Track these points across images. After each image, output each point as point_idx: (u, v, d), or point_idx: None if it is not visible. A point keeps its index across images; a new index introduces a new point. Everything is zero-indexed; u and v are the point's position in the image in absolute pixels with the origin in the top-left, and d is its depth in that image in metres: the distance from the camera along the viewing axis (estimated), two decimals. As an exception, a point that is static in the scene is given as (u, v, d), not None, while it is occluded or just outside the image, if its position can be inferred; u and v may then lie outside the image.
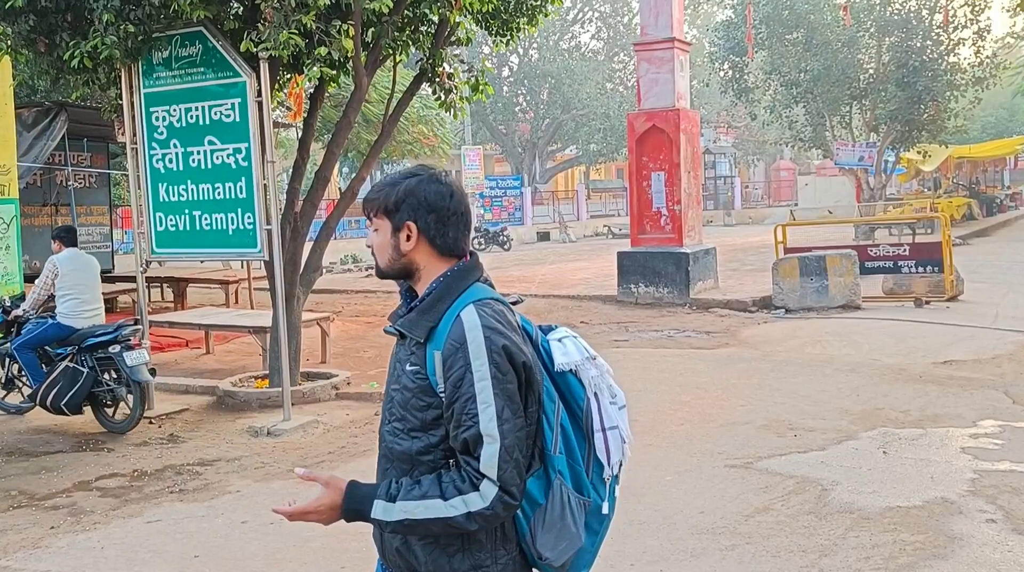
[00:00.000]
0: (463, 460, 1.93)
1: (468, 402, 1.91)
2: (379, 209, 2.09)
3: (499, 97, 39.08)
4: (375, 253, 2.12)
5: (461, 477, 1.93)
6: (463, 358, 1.92)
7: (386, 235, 2.08)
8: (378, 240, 2.10)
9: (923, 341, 10.39)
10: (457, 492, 1.91)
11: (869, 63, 25.94)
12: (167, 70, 7.81)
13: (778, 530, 4.94)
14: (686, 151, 14.68)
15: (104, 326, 7.82)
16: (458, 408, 1.92)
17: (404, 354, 2.06)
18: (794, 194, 42.99)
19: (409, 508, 1.93)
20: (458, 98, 9.21)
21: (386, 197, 2.08)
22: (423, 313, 2.02)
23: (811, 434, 6.82)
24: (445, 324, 1.97)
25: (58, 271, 7.71)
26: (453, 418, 1.93)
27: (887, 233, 22.62)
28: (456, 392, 1.92)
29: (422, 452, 2.01)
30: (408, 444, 2.02)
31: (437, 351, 1.96)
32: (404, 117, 11.40)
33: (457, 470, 1.95)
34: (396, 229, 2.06)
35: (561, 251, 27.39)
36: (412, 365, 2.01)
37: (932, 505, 5.23)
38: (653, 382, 8.84)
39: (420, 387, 2.00)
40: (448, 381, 1.94)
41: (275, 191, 7.71)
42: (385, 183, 2.12)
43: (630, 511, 5.24)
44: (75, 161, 13.37)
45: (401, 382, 2.05)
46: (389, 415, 2.09)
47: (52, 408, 7.57)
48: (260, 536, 5.19)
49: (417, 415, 2.01)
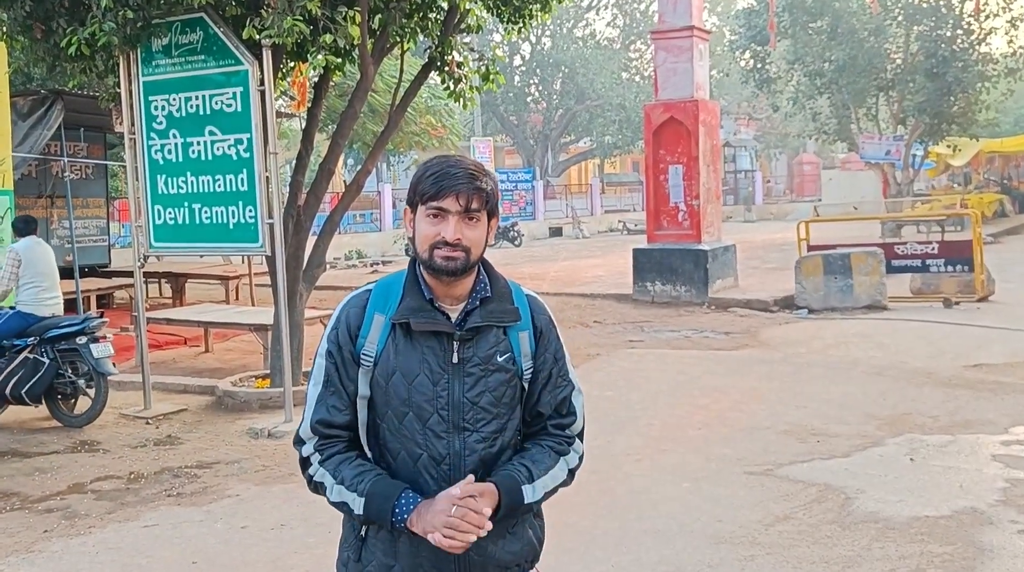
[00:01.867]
0: (552, 423, 2.17)
1: (563, 365, 2.19)
2: (486, 201, 2.05)
3: (510, 87, 39.09)
4: (467, 247, 2.03)
5: (557, 441, 2.17)
6: (554, 330, 2.19)
7: (484, 228, 2.07)
8: (477, 234, 2.05)
9: (952, 343, 10.34)
10: (559, 455, 2.15)
11: (897, 53, 25.80)
12: (167, 58, 7.82)
13: (800, 540, 4.92)
14: (705, 144, 14.64)
15: (70, 318, 8.03)
16: (555, 372, 2.17)
17: (484, 351, 2.08)
18: (818, 189, 42.83)
19: (546, 483, 2.12)
20: (468, 88, 9.19)
21: (494, 187, 2.08)
22: (502, 300, 2.12)
23: (835, 440, 6.79)
24: (520, 304, 2.14)
25: (20, 259, 7.80)
26: (549, 383, 2.16)
27: (915, 230, 22.50)
28: (555, 360, 2.18)
29: (509, 442, 2.14)
30: (502, 440, 2.12)
31: (523, 332, 2.13)
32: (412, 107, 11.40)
33: (548, 436, 2.17)
34: (488, 223, 2.09)
35: (574, 247, 27.37)
36: (503, 354, 2.11)
37: (961, 515, 5.20)
38: (670, 384, 8.81)
39: (513, 373, 2.12)
40: (547, 352, 2.16)
41: (277, 184, 7.71)
42: (476, 170, 2.05)
43: (645, 519, 5.23)
44: (71, 151, 13.41)
45: (494, 378, 2.09)
46: (471, 425, 2.07)
47: (12, 397, 7.73)
48: (261, 542, 5.19)
49: (508, 404, 2.12)
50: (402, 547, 2.09)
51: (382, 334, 2.08)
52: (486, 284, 2.12)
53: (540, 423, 2.19)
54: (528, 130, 42.98)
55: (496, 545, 2.11)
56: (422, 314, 2.06)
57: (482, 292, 2.11)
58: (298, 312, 8.58)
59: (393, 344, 2.08)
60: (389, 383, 2.07)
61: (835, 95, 25.67)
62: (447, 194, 2.00)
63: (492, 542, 2.08)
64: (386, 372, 2.07)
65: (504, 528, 2.11)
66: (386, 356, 2.08)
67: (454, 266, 2.02)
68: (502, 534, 2.11)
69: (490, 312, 2.09)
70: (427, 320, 2.06)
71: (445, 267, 2.03)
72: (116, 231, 20.18)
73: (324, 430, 2.13)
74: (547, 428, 2.18)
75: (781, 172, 52.77)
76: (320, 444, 2.13)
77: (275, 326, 8.20)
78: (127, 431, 7.75)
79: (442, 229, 2.01)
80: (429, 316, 2.06)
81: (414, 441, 2.07)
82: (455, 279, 2.06)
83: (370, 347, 2.09)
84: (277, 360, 8.15)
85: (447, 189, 2.00)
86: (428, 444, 2.06)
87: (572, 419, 2.20)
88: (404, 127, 17.96)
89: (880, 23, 24.51)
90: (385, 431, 2.11)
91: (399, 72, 9.40)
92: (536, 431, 2.19)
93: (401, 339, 2.07)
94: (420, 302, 2.07)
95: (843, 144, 28.56)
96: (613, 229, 35.23)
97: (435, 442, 2.06)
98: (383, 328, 2.09)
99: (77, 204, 13.97)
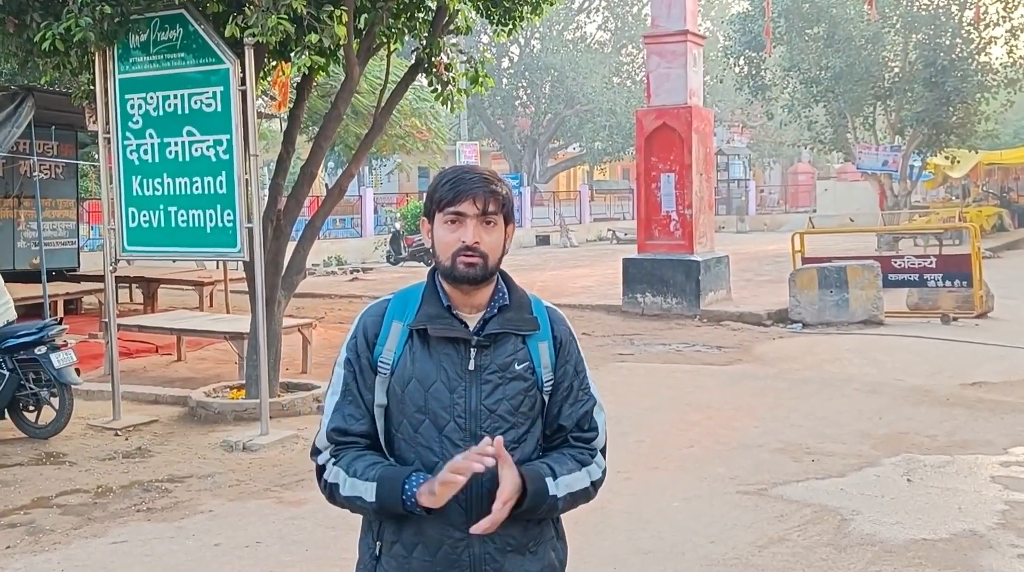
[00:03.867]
0: (574, 436, 2.21)
1: (584, 379, 2.24)
2: (502, 205, 2.13)
3: (498, 90, 39.12)
4: (485, 253, 2.10)
5: (579, 451, 2.20)
6: (574, 341, 2.25)
7: (501, 233, 2.15)
8: (494, 239, 2.13)
9: (950, 360, 10.40)
10: (581, 465, 2.19)
11: (895, 61, 26.01)
12: (144, 55, 7.80)
13: (794, 563, 4.93)
14: (698, 151, 14.70)
15: (25, 326, 7.91)
16: (576, 385, 2.22)
17: (502, 358, 2.12)
18: (813, 200, 43.06)
19: (570, 483, 2.14)
20: (456, 90, 9.21)
21: (509, 192, 2.16)
22: (520, 309, 2.17)
23: (830, 459, 6.81)
24: (540, 315, 2.21)
25: None
26: (570, 396, 2.21)
27: (912, 243, 22.67)
28: (575, 373, 2.22)
29: (529, 455, 2.16)
30: (521, 452, 2.14)
31: (543, 342, 2.18)
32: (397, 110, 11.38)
33: (569, 448, 2.20)
34: (505, 228, 2.15)
35: (562, 256, 27.40)
36: (521, 362, 2.15)
37: (960, 538, 5.22)
38: (660, 400, 8.83)
39: (531, 383, 2.16)
40: (568, 364, 2.21)
41: (257, 187, 7.69)
42: (491, 176, 2.14)
43: (634, 539, 5.23)
44: (41, 150, 13.33)
45: (512, 387, 2.13)
46: (489, 433, 2.09)
47: None
48: (235, 560, 5.16)
49: (528, 414, 2.16)
50: (415, 564, 2.11)
51: (400, 341, 2.15)
52: (504, 293, 2.19)
53: (561, 436, 2.22)
54: (516, 134, 43.04)
55: (513, 563, 2.12)
56: (440, 321, 2.12)
57: (500, 301, 2.17)
58: (276, 320, 8.56)
59: (410, 352, 2.13)
60: (405, 391, 2.12)
61: (831, 103, 25.83)
62: (464, 198, 2.09)
63: (509, 559, 2.11)
64: (403, 379, 2.13)
65: (524, 545, 2.14)
66: (403, 363, 2.13)
67: (474, 273, 2.10)
68: (522, 551, 2.14)
69: (508, 320, 2.15)
70: (444, 326, 2.12)
71: (466, 274, 2.10)
72: (86, 234, 20.07)
73: (339, 438, 2.17)
74: (568, 441, 2.22)
75: (775, 182, 53.02)
76: (336, 451, 2.17)
77: (252, 335, 8.17)
78: (95, 443, 7.70)
79: (461, 234, 2.09)
80: (447, 322, 2.13)
81: (430, 449, 2.11)
82: (475, 287, 2.13)
83: (387, 355, 2.15)
84: (253, 370, 8.12)
85: (464, 193, 2.09)
86: (445, 452, 2.09)
87: (594, 434, 2.24)
88: (388, 130, 17.90)
89: (878, 31, 24.70)
90: (400, 441, 2.15)
91: (385, 73, 9.41)
92: (558, 444, 2.22)
93: (418, 346, 2.13)
94: (438, 309, 2.14)
95: (839, 154, 28.72)
96: (602, 238, 35.29)
97: (452, 450, 2.08)
98: (401, 335, 2.15)
99: (46, 205, 13.87)
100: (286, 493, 6.31)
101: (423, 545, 2.11)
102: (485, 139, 43.49)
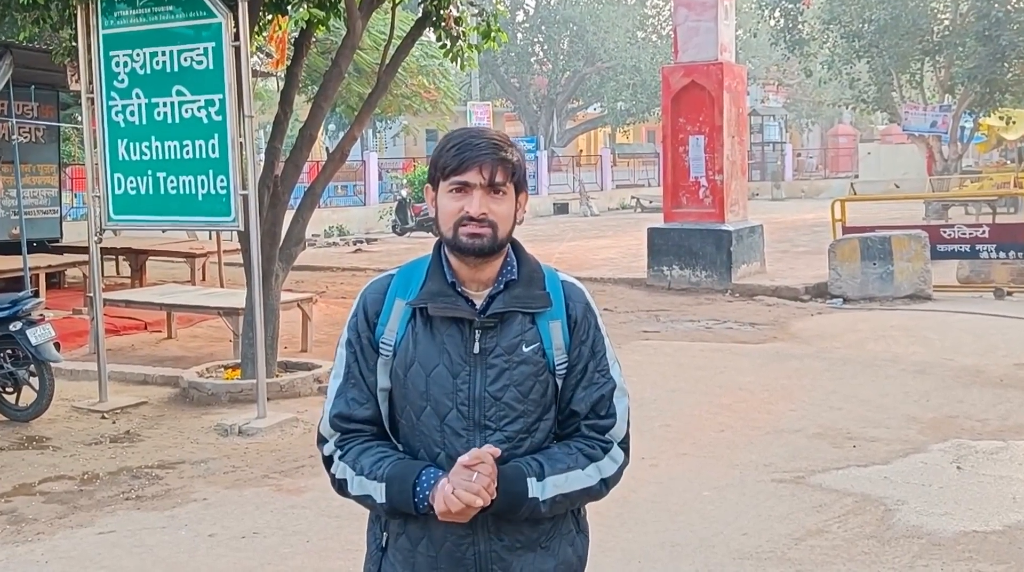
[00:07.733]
0: (587, 424, 2.15)
1: (602, 360, 2.18)
2: (512, 172, 2.09)
3: (512, 46, 38.97)
4: (495, 223, 2.06)
5: (589, 444, 2.15)
6: (592, 319, 2.18)
7: (512, 203, 2.11)
8: (505, 209, 2.09)
9: (1004, 338, 10.35)
10: (589, 460, 2.13)
11: (944, 13, 25.73)
12: (130, 8, 7.76)
13: (834, 556, 4.92)
14: (730, 112, 14.61)
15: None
16: (592, 367, 2.16)
17: (508, 340, 2.09)
18: (854, 164, 42.87)
19: (559, 484, 2.08)
20: (466, 46, 9.16)
21: (520, 159, 2.11)
22: (530, 285, 2.12)
23: (873, 445, 6.80)
24: (554, 290, 2.15)
25: None
26: (584, 378, 2.15)
27: (963, 211, 22.50)
28: (592, 353, 2.16)
29: (540, 445, 2.13)
30: (530, 443, 2.11)
31: (555, 321, 2.12)
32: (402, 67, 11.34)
33: (581, 438, 2.15)
34: (516, 197, 2.12)
35: (581, 226, 27.38)
36: (529, 344, 2.11)
37: (1014, 530, 5.21)
38: (689, 381, 8.83)
39: (541, 366, 2.11)
40: (584, 344, 2.15)
41: (252, 151, 7.68)
42: (501, 140, 2.09)
43: (662, 531, 5.23)
44: (20, 111, 13.34)
45: (519, 371, 2.09)
46: (494, 423, 2.09)
47: None
48: (231, 551, 5.19)
49: (538, 401, 2.12)
50: (419, 559, 2.12)
51: (402, 321, 2.12)
52: (513, 266, 2.14)
53: (574, 423, 2.18)
54: (531, 94, 42.90)
55: (523, 561, 2.12)
56: (442, 299, 2.08)
57: (508, 275, 2.12)
58: (273, 295, 8.57)
59: (412, 332, 2.11)
60: (407, 374, 2.10)
61: (875, 59, 25.58)
62: (470, 166, 2.03)
63: (518, 557, 2.10)
64: (405, 363, 2.10)
65: (536, 541, 2.13)
66: (405, 345, 2.11)
67: (480, 244, 2.05)
68: (532, 548, 2.13)
69: (515, 297, 2.10)
70: (446, 305, 2.08)
71: (471, 246, 2.05)
72: (69, 201, 20.12)
73: (344, 425, 2.16)
74: (581, 429, 2.17)
75: (814, 145, 52.77)
76: (341, 440, 2.16)
77: (247, 310, 8.18)
78: (80, 426, 7.75)
79: (465, 204, 2.04)
80: (449, 301, 2.09)
81: (432, 439, 2.10)
82: (482, 260, 2.08)
83: (389, 335, 2.12)
84: (249, 348, 8.14)
85: (469, 161, 2.03)
86: (447, 442, 2.08)
87: (611, 421, 2.18)
88: (393, 89, 17.86)
89: (927, -21, 24.43)
90: (404, 427, 2.15)
91: (389, 28, 9.37)
92: (570, 433, 2.18)
93: (421, 327, 2.10)
94: (442, 286, 2.10)
95: (883, 114, 28.50)
96: (625, 206, 35.26)
97: (454, 441, 2.08)
98: (403, 315, 2.12)
99: (26, 171, 13.90)
100: (285, 480, 6.34)
101: (428, 540, 2.11)
102: (498, 99, 43.35)
